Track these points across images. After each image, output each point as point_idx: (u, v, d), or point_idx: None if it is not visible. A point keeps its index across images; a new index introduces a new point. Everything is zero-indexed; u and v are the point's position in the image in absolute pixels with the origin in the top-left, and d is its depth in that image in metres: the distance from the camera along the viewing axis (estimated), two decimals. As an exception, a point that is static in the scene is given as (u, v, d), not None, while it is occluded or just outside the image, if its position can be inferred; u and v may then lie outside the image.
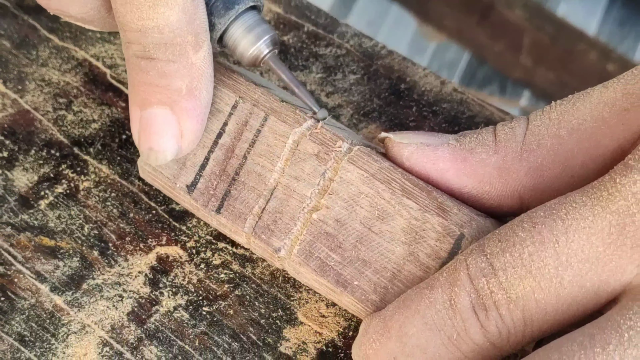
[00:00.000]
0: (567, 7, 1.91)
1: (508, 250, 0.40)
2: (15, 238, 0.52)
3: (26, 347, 0.49)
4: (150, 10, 0.44)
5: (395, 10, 1.94)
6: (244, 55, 0.47)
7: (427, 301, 0.41)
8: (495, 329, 0.40)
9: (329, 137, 0.47)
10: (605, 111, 0.43)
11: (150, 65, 0.45)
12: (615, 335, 0.38)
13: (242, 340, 0.49)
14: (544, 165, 0.45)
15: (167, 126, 0.46)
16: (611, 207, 0.39)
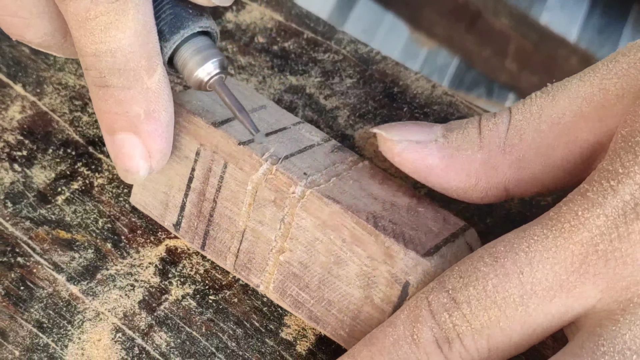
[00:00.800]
0: (549, 16, 1.91)
1: (471, 284, 0.40)
2: (34, 231, 0.52)
3: (44, 333, 0.49)
4: (102, 33, 0.43)
5: (389, 18, 1.94)
6: (190, 78, 0.45)
7: (390, 339, 0.41)
8: (459, 357, 0.40)
9: (284, 181, 0.46)
10: (583, 106, 0.43)
11: (107, 94, 0.44)
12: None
13: (246, 326, 0.49)
14: (526, 158, 0.44)
15: (134, 149, 0.45)
16: (574, 238, 0.39)
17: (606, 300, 0.39)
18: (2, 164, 0.54)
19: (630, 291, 0.38)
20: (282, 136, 0.48)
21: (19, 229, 0.52)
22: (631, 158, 0.39)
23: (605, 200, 0.39)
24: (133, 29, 0.43)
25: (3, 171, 0.54)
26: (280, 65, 0.58)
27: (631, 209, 0.38)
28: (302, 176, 0.46)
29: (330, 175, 0.47)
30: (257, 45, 0.59)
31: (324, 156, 0.48)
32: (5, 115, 0.56)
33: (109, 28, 0.43)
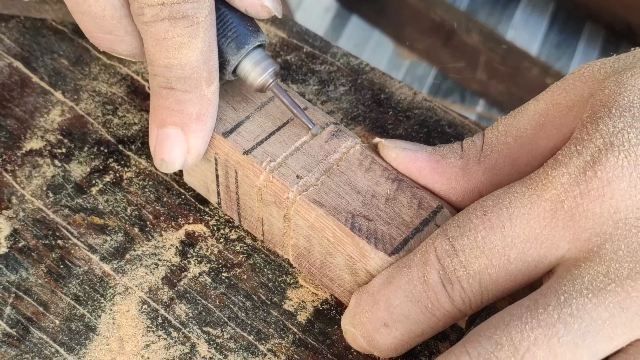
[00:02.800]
0: (514, 33, 1.91)
1: (465, 234, 0.41)
2: (71, 218, 0.52)
3: (80, 304, 0.49)
4: (176, 51, 0.44)
5: (376, 35, 1.94)
6: (253, 84, 0.47)
7: (406, 278, 0.42)
8: (460, 298, 0.41)
9: (279, 187, 0.46)
10: (540, 120, 0.44)
11: (170, 94, 0.46)
12: (554, 298, 0.38)
13: (254, 299, 0.49)
14: (497, 166, 0.45)
15: (177, 143, 0.47)
16: (545, 195, 0.39)
17: (573, 250, 0.39)
18: (45, 160, 0.54)
19: (591, 242, 0.39)
20: (284, 132, 0.49)
21: (59, 216, 0.52)
22: (594, 128, 0.40)
23: (570, 161, 0.39)
24: (200, 48, 0.45)
25: (45, 166, 0.54)
26: (283, 75, 0.58)
27: (590, 168, 0.38)
28: (294, 180, 0.46)
29: (322, 171, 0.47)
30: (263, 58, 0.59)
31: (318, 149, 0.48)
32: (47, 118, 0.56)
33: (181, 47, 0.44)
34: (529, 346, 0.37)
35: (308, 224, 0.46)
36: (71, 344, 0.47)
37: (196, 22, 0.44)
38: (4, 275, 0.50)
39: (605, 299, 0.37)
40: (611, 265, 0.38)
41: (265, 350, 0.47)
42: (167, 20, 0.44)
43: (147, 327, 0.48)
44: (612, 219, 0.38)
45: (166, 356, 0.47)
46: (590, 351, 0.37)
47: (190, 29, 0.44)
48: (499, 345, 0.37)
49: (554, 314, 0.37)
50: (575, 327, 0.37)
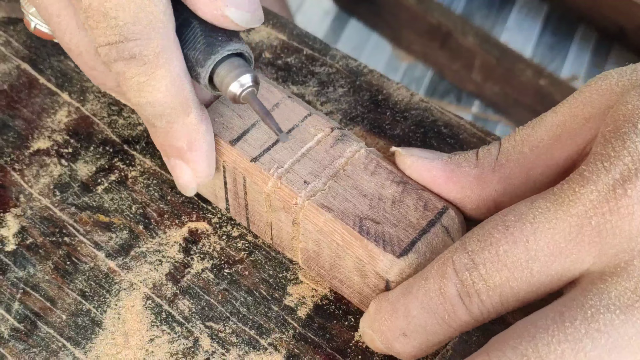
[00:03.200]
0: (508, 36, 1.91)
1: (487, 248, 0.40)
2: (78, 215, 0.52)
3: (87, 300, 0.49)
4: (138, 90, 0.43)
5: (374, 38, 1.94)
6: (226, 95, 0.45)
7: (423, 290, 0.41)
8: (478, 310, 0.41)
9: (288, 193, 0.46)
10: (558, 131, 0.44)
11: (156, 132, 0.46)
12: (580, 312, 0.38)
13: (255, 295, 0.49)
14: (512, 175, 0.45)
15: (183, 171, 0.47)
16: (572, 211, 0.39)
17: (598, 264, 0.39)
18: (52, 159, 0.54)
19: (618, 257, 0.38)
20: (292, 137, 0.49)
21: (66, 214, 0.52)
22: (620, 144, 0.39)
23: (599, 178, 0.39)
24: (164, 84, 0.43)
25: (52, 165, 0.54)
26: (283, 77, 0.58)
27: (620, 186, 0.38)
28: (302, 186, 0.46)
29: (328, 176, 0.47)
30: (265, 59, 0.59)
31: (324, 154, 0.48)
32: (54, 119, 0.56)
33: (142, 86, 0.43)
34: (555, 359, 0.37)
35: (317, 228, 0.46)
36: (77, 338, 0.47)
37: (147, 61, 0.42)
38: (12, 271, 0.50)
39: (633, 315, 0.37)
40: (639, 283, 0.38)
41: (267, 345, 0.47)
42: (120, 61, 0.42)
43: (152, 322, 0.48)
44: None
45: (170, 350, 0.47)
46: None
47: (144, 68, 0.42)
48: (525, 357, 0.37)
49: (582, 328, 0.37)
50: (602, 342, 0.37)
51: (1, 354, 0.47)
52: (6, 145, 0.55)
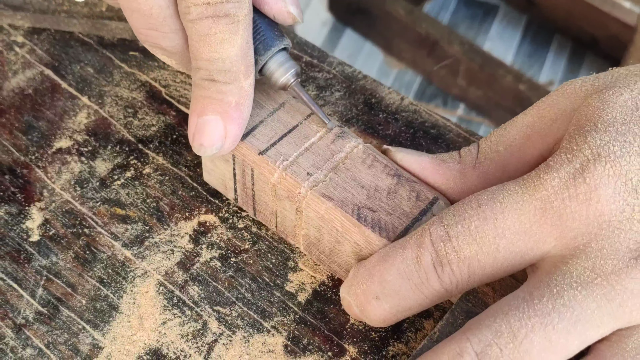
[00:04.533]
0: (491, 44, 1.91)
1: (460, 222, 0.41)
2: (96, 209, 0.52)
3: (104, 286, 0.49)
4: (218, 46, 0.44)
5: (368, 46, 1.94)
6: (277, 83, 0.48)
7: (400, 257, 0.42)
8: (448, 279, 0.41)
9: (292, 184, 0.47)
10: (528, 131, 0.45)
11: (211, 85, 0.46)
12: (547, 290, 0.38)
13: (259, 282, 0.49)
14: (489, 171, 0.46)
15: (216, 129, 0.46)
16: (536, 195, 0.40)
17: (559, 247, 0.39)
18: (72, 157, 0.54)
19: (577, 240, 0.39)
20: (295, 134, 0.49)
21: (85, 207, 0.52)
22: (582, 139, 0.40)
23: (561, 167, 0.39)
24: (240, 44, 0.45)
25: (73, 163, 0.54)
26: (285, 82, 0.58)
27: (579, 174, 0.39)
28: (305, 177, 0.46)
29: (329, 168, 0.47)
30: (267, 66, 0.59)
31: (325, 149, 0.48)
32: (75, 120, 0.56)
33: (223, 42, 0.45)
34: (526, 333, 0.37)
35: (318, 215, 0.46)
36: (96, 321, 0.47)
37: (237, 20, 0.44)
38: (36, 260, 0.50)
39: (593, 291, 0.38)
40: (596, 262, 0.38)
41: (269, 327, 0.47)
42: (211, 18, 0.44)
43: (164, 306, 0.48)
44: (597, 221, 0.38)
45: (181, 332, 0.47)
46: (580, 337, 0.38)
47: (231, 27, 0.44)
48: (499, 332, 0.37)
49: (549, 304, 0.37)
50: (567, 315, 0.37)
51: (26, 335, 0.47)
52: (31, 145, 0.55)
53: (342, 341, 0.47)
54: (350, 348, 0.47)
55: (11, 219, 0.51)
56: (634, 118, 0.40)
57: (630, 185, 0.38)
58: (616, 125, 0.40)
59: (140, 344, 0.47)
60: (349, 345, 0.47)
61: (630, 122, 0.40)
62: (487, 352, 0.37)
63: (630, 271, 0.38)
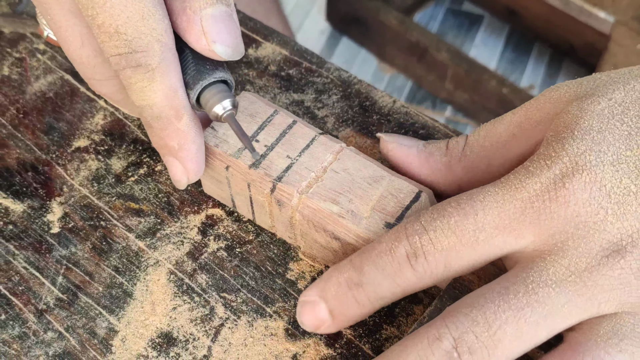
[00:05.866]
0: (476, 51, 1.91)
1: (439, 219, 0.40)
2: (112, 203, 0.52)
3: (119, 274, 0.49)
4: (141, 94, 0.43)
5: (363, 53, 1.94)
6: (210, 115, 0.46)
7: (376, 250, 0.41)
8: (422, 269, 0.41)
9: (284, 194, 0.46)
10: (514, 130, 0.45)
11: (152, 132, 0.46)
12: (523, 286, 0.38)
13: (262, 270, 0.49)
14: (474, 165, 0.46)
15: (176, 168, 0.46)
16: (517, 196, 0.39)
17: (537, 243, 0.39)
18: (90, 155, 0.54)
19: (555, 238, 0.39)
20: (283, 144, 0.48)
21: (102, 201, 0.52)
22: (560, 146, 0.40)
23: (542, 173, 0.39)
24: (161, 91, 0.43)
25: (91, 161, 0.54)
26: (286, 86, 0.58)
27: (559, 180, 0.39)
28: (297, 185, 0.46)
29: (320, 171, 0.47)
30: (270, 71, 0.59)
31: (312, 156, 0.47)
32: (92, 121, 0.56)
33: (143, 90, 0.43)
34: (500, 324, 0.37)
35: (310, 223, 0.46)
36: (112, 307, 0.47)
37: (151, 69, 0.43)
38: (56, 250, 0.50)
39: (566, 287, 0.38)
40: (572, 260, 0.38)
41: (272, 312, 0.47)
42: (128, 69, 0.43)
43: (174, 293, 0.48)
44: (574, 221, 0.39)
45: (190, 317, 0.47)
46: (549, 328, 0.38)
47: (147, 75, 0.43)
48: (475, 322, 0.38)
49: (523, 299, 0.38)
50: (539, 310, 0.38)
51: (47, 320, 0.47)
52: (52, 144, 0.55)
53: (339, 325, 0.47)
54: (346, 331, 0.47)
55: (33, 213, 0.51)
56: (609, 126, 0.40)
57: (605, 190, 0.38)
58: (592, 133, 0.40)
59: (152, 327, 0.47)
60: (345, 330, 0.47)
61: (606, 131, 0.40)
62: (464, 338, 0.37)
63: (602, 268, 0.38)
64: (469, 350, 0.37)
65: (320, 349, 0.46)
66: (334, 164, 0.47)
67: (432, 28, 1.95)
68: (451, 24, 1.96)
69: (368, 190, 0.46)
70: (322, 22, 1.98)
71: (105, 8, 0.41)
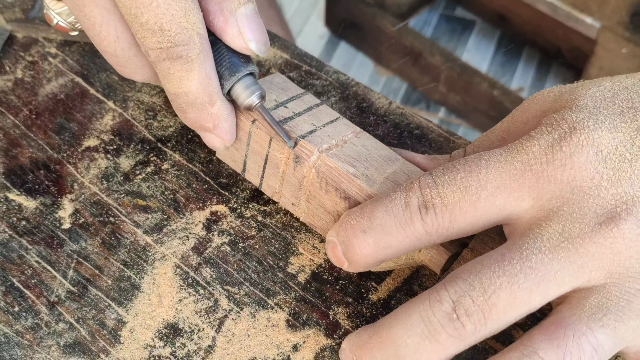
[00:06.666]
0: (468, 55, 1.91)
1: (447, 174, 0.41)
2: (121, 200, 0.52)
3: (128, 268, 0.49)
4: (178, 83, 0.44)
5: (360, 57, 1.94)
6: (242, 105, 0.47)
7: (390, 198, 0.42)
8: (430, 222, 0.41)
9: (306, 152, 0.46)
10: (504, 134, 0.45)
11: (186, 116, 0.47)
12: (517, 253, 0.39)
13: (264, 264, 0.49)
14: None
15: (212, 139, 0.48)
16: (518, 158, 0.40)
17: (535, 207, 0.40)
18: (99, 154, 0.54)
19: (551, 203, 0.39)
20: (309, 115, 0.49)
21: (111, 198, 0.52)
22: (561, 117, 0.40)
23: (542, 137, 0.40)
24: (197, 79, 0.44)
25: (100, 159, 0.54)
26: (287, 88, 0.58)
27: (557, 143, 0.39)
28: (318, 145, 0.46)
29: (340, 142, 0.47)
30: (271, 74, 0.59)
31: (338, 128, 0.48)
32: (101, 122, 0.56)
33: (182, 79, 0.44)
34: (495, 289, 0.38)
35: (328, 174, 0.46)
36: (120, 299, 0.47)
37: (190, 60, 0.44)
38: (67, 245, 0.50)
39: (559, 254, 0.38)
40: (566, 225, 0.38)
41: (273, 304, 0.47)
42: (167, 60, 0.44)
43: (180, 286, 0.48)
44: (570, 185, 0.39)
45: (195, 309, 0.47)
46: (542, 295, 0.38)
47: (186, 66, 0.44)
48: (472, 286, 0.38)
49: (517, 266, 0.38)
50: (532, 276, 0.38)
51: (59, 311, 0.47)
52: (63, 144, 0.55)
53: (337, 316, 0.47)
54: (344, 323, 0.47)
55: (45, 209, 0.51)
56: (603, 104, 0.41)
57: (601, 155, 0.39)
58: (589, 108, 0.40)
59: (159, 319, 0.47)
60: (343, 320, 0.47)
61: (600, 107, 0.40)
62: (462, 301, 0.38)
63: (594, 236, 0.38)
64: (466, 313, 0.38)
65: (320, 339, 0.46)
66: (354, 139, 0.48)
67: (426, 33, 1.95)
68: (444, 29, 1.96)
69: (383, 165, 0.46)
70: (321, 27, 1.98)
71: (150, 8, 0.42)
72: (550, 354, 0.37)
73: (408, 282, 0.48)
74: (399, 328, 0.39)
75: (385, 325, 0.40)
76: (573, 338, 0.38)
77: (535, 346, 0.38)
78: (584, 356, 0.38)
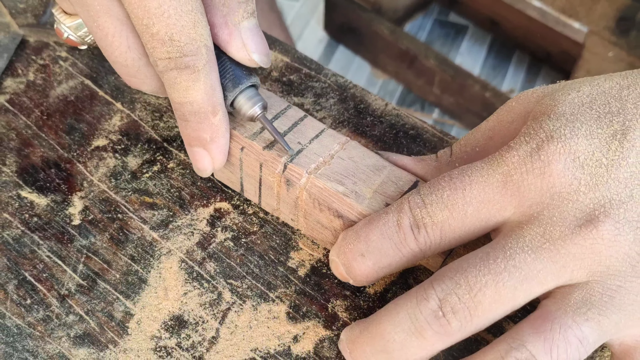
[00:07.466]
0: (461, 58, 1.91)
1: (434, 192, 0.41)
2: (128, 197, 0.52)
3: (135, 262, 0.49)
4: (184, 92, 0.44)
5: (357, 60, 1.94)
6: (245, 115, 0.47)
7: (384, 220, 0.42)
8: (423, 240, 0.41)
9: (295, 175, 0.46)
10: (490, 134, 0.45)
11: (187, 124, 0.46)
12: (502, 252, 0.39)
13: (265, 259, 0.49)
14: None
15: (203, 157, 0.47)
16: (499, 170, 0.40)
17: (517, 214, 0.40)
18: (108, 154, 0.54)
19: (532, 209, 0.39)
20: (295, 132, 0.48)
21: (119, 196, 0.52)
22: (538, 126, 0.40)
23: (520, 147, 0.40)
24: (203, 89, 0.44)
25: (109, 159, 0.54)
26: (287, 90, 0.58)
27: (535, 152, 0.39)
28: (306, 166, 0.46)
29: (327, 157, 0.47)
30: (273, 77, 0.59)
31: (324, 141, 0.48)
32: (110, 123, 0.56)
33: (188, 89, 0.44)
34: (480, 287, 0.38)
35: (319, 195, 0.46)
36: (128, 292, 0.47)
37: (197, 70, 0.43)
38: (77, 240, 0.50)
39: (541, 254, 0.38)
40: (547, 228, 0.38)
41: (274, 297, 0.47)
42: (175, 70, 0.43)
43: (185, 279, 0.48)
44: (549, 192, 0.39)
45: (199, 302, 0.47)
46: (525, 293, 0.38)
47: (193, 76, 0.44)
48: (458, 284, 0.38)
49: (502, 264, 0.38)
50: (516, 275, 0.38)
51: (69, 304, 0.47)
52: (73, 143, 0.55)
53: (336, 309, 0.47)
54: (343, 315, 0.47)
55: (56, 206, 0.51)
56: (580, 111, 0.40)
57: (578, 162, 0.39)
58: (566, 116, 0.40)
59: (165, 311, 0.47)
60: (341, 313, 0.47)
61: (578, 114, 0.40)
62: (448, 299, 0.38)
63: (575, 237, 0.38)
64: (452, 310, 0.38)
65: (319, 331, 0.46)
66: (340, 152, 0.47)
67: (421, 37, 1.95)
68: (438, 33, 1.96)
69: (371, 176, 0.46)
70: (320, 32, 1.98)
71: (162, 19, 0.42)
72: (537, 347, 0.37)
73: (403, 276, 0.48)
74: (388, 324, 0.40)
75: (375, 321, 0.41)
76: (559, 331, 0.38)
77: (524, 339, 0.38)
78: (570, 348, 0.38)
